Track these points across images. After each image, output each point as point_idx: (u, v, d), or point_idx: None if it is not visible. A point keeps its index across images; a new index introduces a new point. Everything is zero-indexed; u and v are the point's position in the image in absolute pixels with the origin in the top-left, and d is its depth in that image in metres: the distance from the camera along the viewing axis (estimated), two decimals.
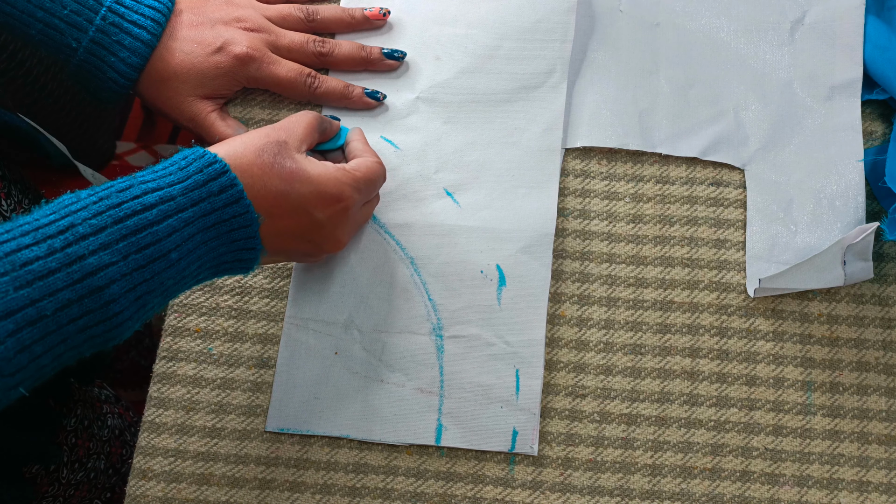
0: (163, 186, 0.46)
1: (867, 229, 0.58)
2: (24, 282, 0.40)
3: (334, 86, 0.64)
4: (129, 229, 0.44)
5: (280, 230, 0.52)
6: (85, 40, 0.59)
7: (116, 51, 0.59)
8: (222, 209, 0.48)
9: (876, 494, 0.57)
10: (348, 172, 0.55)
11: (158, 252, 0.45)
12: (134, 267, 0.44)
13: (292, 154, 0.53)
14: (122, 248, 0.43)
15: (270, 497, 0.57)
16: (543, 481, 0.57)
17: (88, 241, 0.42)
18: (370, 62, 0.65)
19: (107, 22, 0.58)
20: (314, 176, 0.53)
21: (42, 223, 0.42)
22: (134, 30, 0.59)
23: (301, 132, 0.55)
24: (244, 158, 0.50)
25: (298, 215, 0.52)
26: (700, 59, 0.67)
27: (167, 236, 0.45)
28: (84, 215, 0.43)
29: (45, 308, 0.41)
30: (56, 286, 0.41)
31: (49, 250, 0.41)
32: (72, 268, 0.41)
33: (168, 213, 0.46)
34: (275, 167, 0.51)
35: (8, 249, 0.40)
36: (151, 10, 0.60)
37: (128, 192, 0.45)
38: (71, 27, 0.58)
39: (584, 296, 0.61)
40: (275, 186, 0.51)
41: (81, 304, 0.42)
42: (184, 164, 0.48)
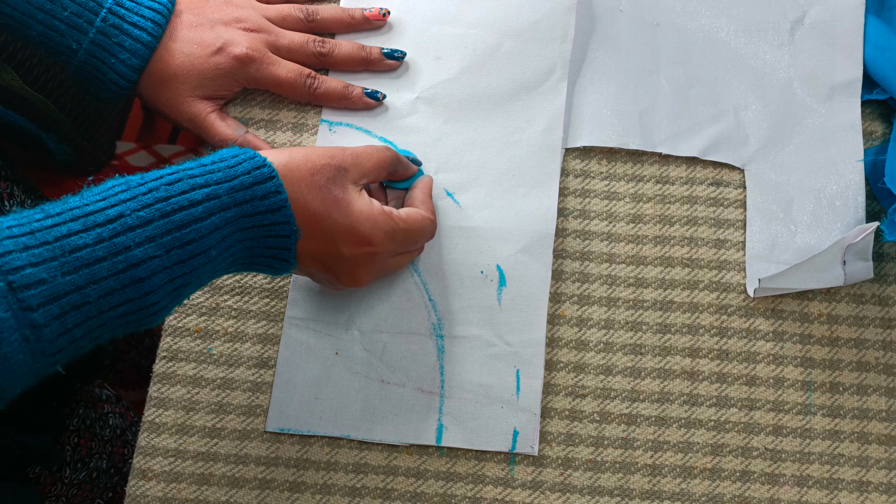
0: (210, 183, 0.47)
1: (867, 229, 0.58)
2: (71, 268, 0.41)
3: (334, 86, 0.64)
4: (175, 224, 0.45)
5: (308, 250, 0.52)
6: (85, 42, 0.59)
7: (117, 52, 0.59)
8: (263, 214, 0.49)
9: (876, 494, 0.57)
10: (391, 219, 0.55)
11: (200, 248, 0.46)
12: (175, 261, 0.45)
13: (346, 183, 0.53)
14: (166, 241, 0.44)
15: (270, 497, 0.57)
16: (543, 481, 0.57)
17: (135, 233, 0.43)
18: (370, 62, 0.65)
19: (107, 24, 0.59)
20: (354, 210, 0.53)
21: (91, 210, 0.43)
22: (134, 31, 0.59)
23: (368, 166, 0.55)
24: (297, 172, 0.51)
25: (325, 242, 0.52)
26: (700, 59, 0.67)
27: (209, 233, 0.46)
28: (133, 206, 0.44)
29: (89, 295, 0.42)
30: (101, 274, 0.42)
31: (97, 239, 0.42)
32: (117, 258, 0.42)
33: (212, 210, 0.46)
34: (322, 190, 0.51)
35: (58, 234, 0.41)
36: (151, 11, 0.60)
37: (176, 187, 0.46)
38: (71, 29, 0.58)
39: (584, 296, 0.61)
40: (314, 207, 0.51)
41: (123, 292, 0.43)
42: (233, 161, 0.48)
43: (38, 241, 0.41)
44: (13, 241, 0.40)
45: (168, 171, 0.47)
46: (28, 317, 0.39)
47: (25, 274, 0.39)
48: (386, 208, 0.55)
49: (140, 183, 0.45)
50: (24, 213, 0.42)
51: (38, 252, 0.40)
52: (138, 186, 0.45)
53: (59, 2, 0.57)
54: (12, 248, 0.40)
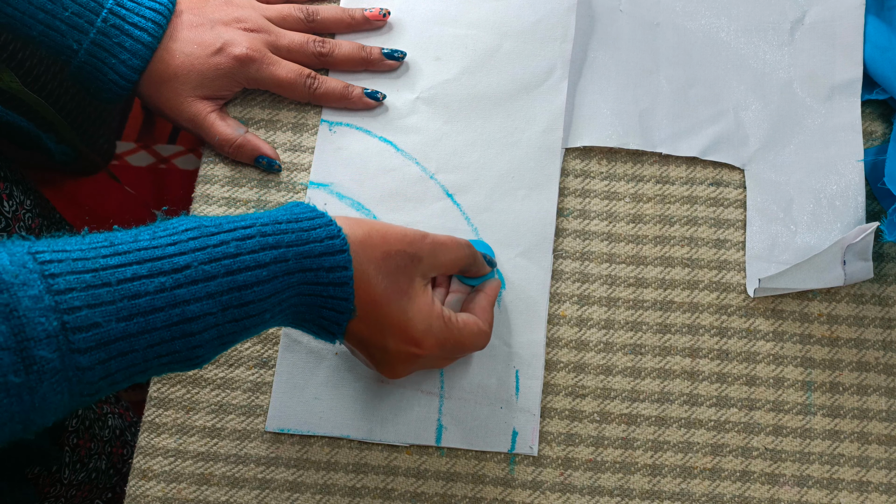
0: (281, 245, 0.46)
1: (867, 229, 0.58)
2: (127, 314, 0.41)
3: (334, 86, 0.64)
4: (237, 284, 0.44)
5: (356, 331, 0.51)
6: (86, 42, 0.59)
7: (117, 53, 0.59)
8: (325, 286, 0.48)
9: (876, 494, 0.57)
10: (446, 327, 0.53)
11: (256, 310, 0.46)
12: (229, 319, 0.44)
13: (415, 275, 0.52)
14: (225, 300, 0.44)
15: (270, 497, 0.57)
16: (543, 481, 0.57)
17: (197, 287, 0.43)
18: (370, 62, 0.65)
19: (108, 24, 0.59)
20: (413, 307, 0.52)
21: (160, 255, 0.42)
22: (135, 32, 0.59)
23: (444, 261, 0.54)
24: (370, 252, 0.50)
25: (375, 330, 0.51)
26: (700, 59, 0.67)
27: (269, 296, 0.46)
28: (201, 258, 0.43)
29: (138, 343, 0.41)
30: (154, 325, 0.42)
31: (159, 288, 0.42)
32: (174, 310, 0.42)
33: (277, 273, 0.46)
34: (389, 277, 0.51)
35: (122, 276, 0.41)
36: (152, 11, 0.60)
37: (247, 244, 0.45)
38: (72, 29, 0.58)
39: (584, 296, 0.61)
40: (376, 293, 0.50)
41: (171, 343, 0.42)
42: (307, 224, 0.48)
43: (101, 280, 0.40)
44: (77, 277, 0.40)
45: (242, 223, 0.46)
46: (75, 359, 0.39)
47: (81, 315, 0.39)
48: (445, 312, 0.54)
49: (212, 232, 0.45)
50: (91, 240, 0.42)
51: (97, 293, 0.40)
52: (211, 236, 0.44)
53: (60, 2, 0.57)
54: (74, 286, 0.39)
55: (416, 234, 0.53)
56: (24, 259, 0.39)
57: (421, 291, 0.53)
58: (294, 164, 0.64)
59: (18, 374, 0.37)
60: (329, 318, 0.50)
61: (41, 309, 0.38)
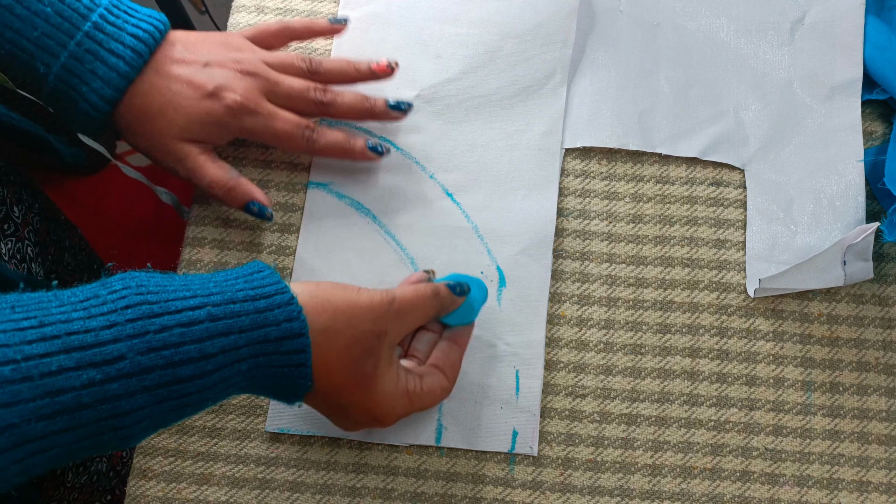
0: (233, 331, 0.43)
1: (867, 229, 0.58)
2: (48, 412, 0.37)
3: (335, 139, 0.60)
4: (177, 377, 0.41)
5: (314, 402, 0.50)
6: (56, 66, 0.53)
7: (89, 80, 0.54)
8: (280, 367, 0.45)
9: (876, 494, 0.57)
10: (410, 402, 0.52)
11: (195, 400, 0.42)
12: (165, 410, 0.41)
13: (380, 354, 0.49)
14: (162, 393, 0.40)
15: (270, 497, 0.57)
16: (543, 481, 0.57)
17: (131, 382, 0.39)
18: (374, 114, 0.61)
19: (81, 48, 0.53)
20: (377, 392, 0.50)
21: (90, 342, 0.38)
22: (110, 59, 0.54)
23: (411, 323, 0.52)
24: (333, 340, 0.47)
25: (335, 408, 0.50)
26: (700, 59, 0.67)
27: (211, 387, 0.43)
28: (138, 347, 0.39)
29: (60, 440, 0.38)
30: (79, 422, 0.38)
31: (86, 383, 0.38)
32: (103, 406, 0.38)
33: (224, 363, 0.43)
34: (353, 365, 0.48)
35: (45, 370, 0.37)
36: (133, 38, 0.55)
37: (193, 331, 0.41)
38: (41, 50, 0.53)
39: (584, 296, 0.61)
40: (337, 381, 0.48)
41: (99, 437, 0.39)
42: (263, 305, 0.44)
43: (21, 374, 0.36)
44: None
45: (191, 303, 0.42)
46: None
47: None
48: (410, 385, 0.52)
49: (156, 313, 0.41)
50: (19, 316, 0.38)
51: (16, 390, 0.36)
52: (153, 318, 0.40)
53: (31, 21, 0.52)
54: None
55: (381, 302, 0.50)
56: None
57: (386, 370, 0.50)
58: (293, 164, 0.64)
59: None
60: (285, 393, 0.48)
61: None
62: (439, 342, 0.56)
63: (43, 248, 0.68)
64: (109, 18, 0.55)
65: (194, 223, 0.63)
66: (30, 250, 0.65)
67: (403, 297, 0.51)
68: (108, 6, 0.55)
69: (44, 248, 0.68)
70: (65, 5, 0.53)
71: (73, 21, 0.53)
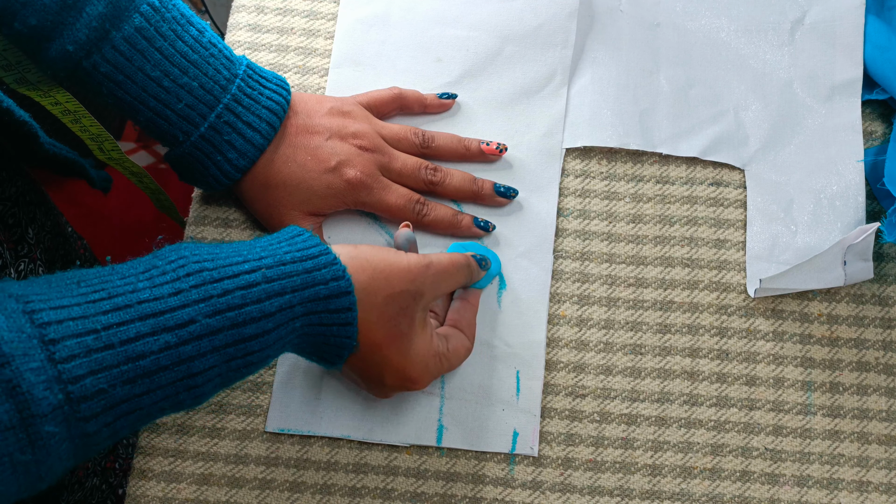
0: (286, 291, 0.45)
1: (868, 230, 0.58)
2: (131, 376, 0.40)
3: (443, 214, 0.61)
4: (243, 336, 0.43)
5: (353, 364, 0.52)
6: (194, 135, 0.55)
7: (225, 150, 0.56)
8: (328, 326, 0.48)
9: (876, 494, 0.57)
10: (441, 364, 0.54)
11: (259, 358, 0.45)
12: (233, 368, 0.44)
13: (415, 313, 0.52)
14: (230, 352, 0.43)
15: (270, 497, 0.57)
16: (543, 481, 0.58)
17: (202, 343, 0.42)
18: (480, 197, 0.62)
19: (221, 119, 0.55)
20: (411, 351, 0.52)
21: (162, 308, 0.41)
22: (247, 132, 0.56)
23: (445, 289, 0.55)
24: (373, 297, 0.49)
25: (372, 368, 0.52)
26: (700, 59, 0.67)
27: (273, 343, 0.45)
28: (205, 310, 0.42)
29: (143, 402, 0.41)
30: (159, 384, 0.41)
31: (164, 346, 0.41)
32: (179, 367, 0.41)
33: (281, 322, 0.45)
34: (390, 321, 0.50)
35: (124, 337, 0.40)
36: (268, 112, 0.57)
37: (252, 293, 0.44)
38: (182, 120, 0.55)
39: (584, 296, 0.61)
40: (376, 337, 0.50)
41: (176, 397, 0.42)
42: (311, 265, 0.47)
43: (103, 343, 0.39)
44: (78, 341, 0.38)
45: (245, 267, 0.44)
46: (81, 427, 0.38)
47: (86, 384, 0.38)
48: (441, 347, 0.54)
49: (215, 278, 0.43)
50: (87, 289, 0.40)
51: (101, 357, 0.39)
52: (214, 284, 0.43)
53: (176, 93, 0.54)
54: (76, 352, 0.38)
55: (419, 266, 0.52)
56: (21, 322, 0.37)
57: (420, 330, 0.53)
58: None
59: (25, 452, 0.36)
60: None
61: (45, 382, 0.37)
62: (453, 302, 0.59)
63: (51, 266, 0.69)
64: (246, 90, 0.56)
65: (194, 223, 0.63)
66: (41, 270, 0.65)
67: (440, 264, 0.54)
68: (243, 76, 0.57)
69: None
70: (208, 77, 0.55)
71: (214, 93, 0.55)
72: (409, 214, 0.60)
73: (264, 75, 0.58)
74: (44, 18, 0.50)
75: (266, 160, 0.58)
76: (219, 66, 0.55)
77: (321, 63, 0.67)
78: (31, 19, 0.50)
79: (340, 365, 0.51)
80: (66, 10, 0.50)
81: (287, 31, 0.68)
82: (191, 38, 0.54)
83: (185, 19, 0.54)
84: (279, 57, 0.67)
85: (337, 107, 0.60)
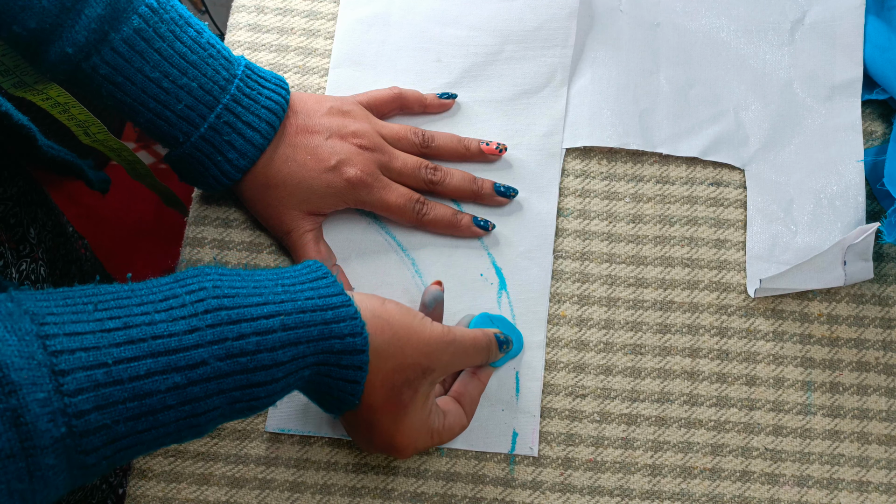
0: (302, 341, 0.45)
1: (868, 230, 0.58)
2: (135, 413, 0.39)
3: (443, 214, 0.61)
4: (251, 382, 0.43)
5: (347, 420, 0.52)
6: (194, 136, 0.55)
7: (225, 151, 0.56)
8: (335, 379, 0.47)
9: (876, 494, 0.57)
10: (430, 440, 0.54)
11: (263, 404, 0.45)
12: (237, 409, 0.44)
13: (419, 387, 0.51)
14: (236, 395, 0.43)
15: (270, 497, 0.57)
16: (543, 481, 0.58)
17: (209, 385, 0.42)
18: (480, 196, 0.62)
19: (220, 120, 0.55)
20: (405, 423, 0.51)
21: (175, 346, 0.41)
22: (247, 132, 0.56)
23: (458, 365, 0.54)
24: (383, 362, 0.48)
25: (362, 426, 0.51)
26: (700, 59, 0.67)
27: (279, 391, 0.45)
28: (218, 353, 0.42)
29: (144, 438, 0.40)
30: (162, 422, 0.41)
31: (171, 386, 0.40)
32: (184, 408, 0.41)
33: (292, 370, 0.45)
34: (392, 390, 0.49)
35: (134, 374, 0.39)
36: (267, 111, 0.57)
37: (268, 340, 0.43)
38: (182, 121, 0.55)
39: (584, 296, 0.61)
40: (375, 401, 0.49)
41: (177, 434, 0.42)
42: (331, 316, 0.46)
43: (112, 378, 0.39)
44: (87, 375, 0.38)
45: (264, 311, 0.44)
46: (80, 459, 0.38)
47: (90, 419, 0.38)
48: (435, 423, 0.53)
49: (233, 320, 0.43)
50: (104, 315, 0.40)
51: (108, 393, 0.38)
52: (231, 325, 0.42)
53: (175, 94, 0.54)
54: (84, 386, 0.38)
55: (439, 343, 0.51)
56: (33, 348, 0.37)
57: (420, 404, 0.52)
58: None
59: (22, 481, 0.36)
60: (331, 404, 0.50)
61: (49, 414, 0.36)
62: (463, 373, 0.57)
63: (53, 265, 0.69)
64: (245, 90, 0.56)
65: (194, 223, 0.63)
66: (42, 271, 0.65)
67: (462, 342, 0.53)
68: (242, 77, 0.56)
69: (54, 265, 0.69)
70: (207, 78, 0.55)
71: (213, 94, 0.55)
72: (409, 213, 0.60)
73: (263, 75, 0.58)
74: (42, 21, 0.50)
75: (266, 160, 0.58)
76: (218, 67, 0.55)
77: (321, 63, 0.67)
78: (30, 22, 0.50)
79: (338, 415, 0.51)
80: (65, 12, 0.50)
81: (287, 31, 0.68)
82: (189, 38, 0.54)
83: (183, 20, 0.54)
84: (279, 57, 0.67)
85: (336, 106, 0.60)
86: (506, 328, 0.58)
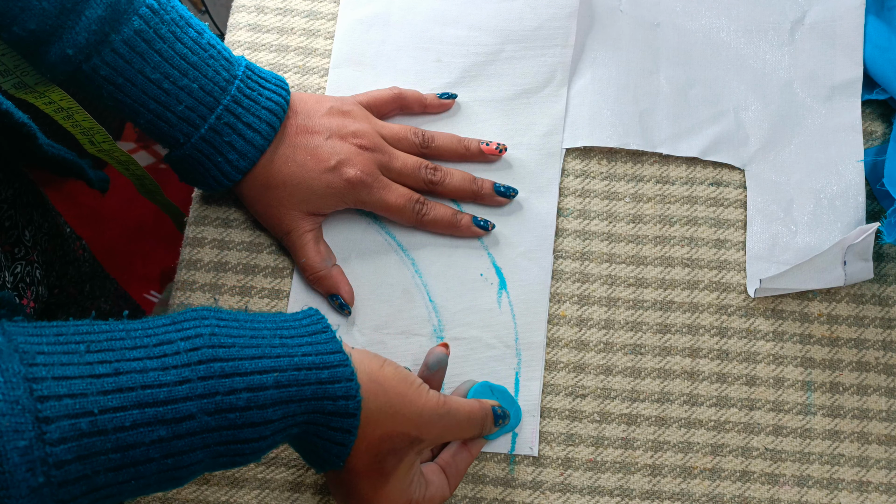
0: (294, 399, 0.44)
1: (868, 230, 0.58)
2: (117, 464, 0.39)
3: (443, 214, 0.61)
4: (237, 438, 0.43)
5: (329, 476, 0.51)
6: (195, 137, 0.55)
7: (226, 151, 0.56)
8: (323, 440, 0.47)
9: (876, 494, 0.57)
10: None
11: (247, 460, 0.44)
12: (220, 463, 0.43)
13: (404, 456, 0.50)
14: (220, 449, 0.42)
15: (270, 497, 0.57)
16: (543, 481, 0.58)
17: (195, 439, 0.41)
18: (479, 196, 0.62)
19: (221, 121, 0.55)
20: (383, 491, 0.50)
21: (163, 399, 0.40)
22: (248, 133, 0.56)
23: (449, 438, 0.53)
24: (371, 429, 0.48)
25: (341, 487, 0.51)
26: (700, 59, 0.67)
27: (265, 449, 0.44)
28: (207, 408, 0.41)
29: (124, 489, 0.40)
30: (143, 473, 0.40)
31: (156, 439, 0.40)
32: (166, 460, 0.40)
33: (280, 428, 0.44)
34: (376, 458, 0.49)
35: (119, 424, 0.39)
36: (268, 112, 0.57)
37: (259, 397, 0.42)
38: (182, 122, 0.55)
39: (584, 296, 0.61)
40: (354, 465, 0.48)
41: (158, 486, 0.41)
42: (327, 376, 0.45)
43: (97, 428, 0.38)
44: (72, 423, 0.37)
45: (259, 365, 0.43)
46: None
47: (70, 469, 0.37)
48: (416, 496, 0.51)
49: (227, 373, 0.42)
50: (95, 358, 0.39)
51: (90, 443, 0.38)
52: (223, 379, 0.42)
53: (176, 95, 0.54)
54: (68, 434, 0.37)
55: (433, 414, 0.50)
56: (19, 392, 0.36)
57: (403, 473, 0.50)
58: None
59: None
60: (315, 461, 0.50)
61: (28, 463, 0.36)
62: (452, 442, 0.56)
63: (49, 267, 0.69)
64: (245, 91, 0.56)
65: (194, 223, 0.63)
66: (38, 273, 0.65)
67: (457, 414, 0.52)
68: (242, 77, 0.56)
69: (50, 267, 0.69)
70: (207, 79, 0.55)
71: (214, 95, 0.55)
72: (409, 213, 0.60)
73: (263, 76, 0.58)
74: (43, 22, 0.50)
75: (266, 160, 0.58)
76: (218, 68, 0.55)
77: (321, 63, 0.67)
78: (31, 23, 0.50)
79: (320, 472, 0.51)
80: (66, 13, 0.50)
81: (287, 31, 0.68)
82: (190, 39, 0.54)
83: (183, 21, 0.54)
84: (279, 57, 0.67)
85: (336, 106, 0.60)
86: (505, 401, 0.57)
